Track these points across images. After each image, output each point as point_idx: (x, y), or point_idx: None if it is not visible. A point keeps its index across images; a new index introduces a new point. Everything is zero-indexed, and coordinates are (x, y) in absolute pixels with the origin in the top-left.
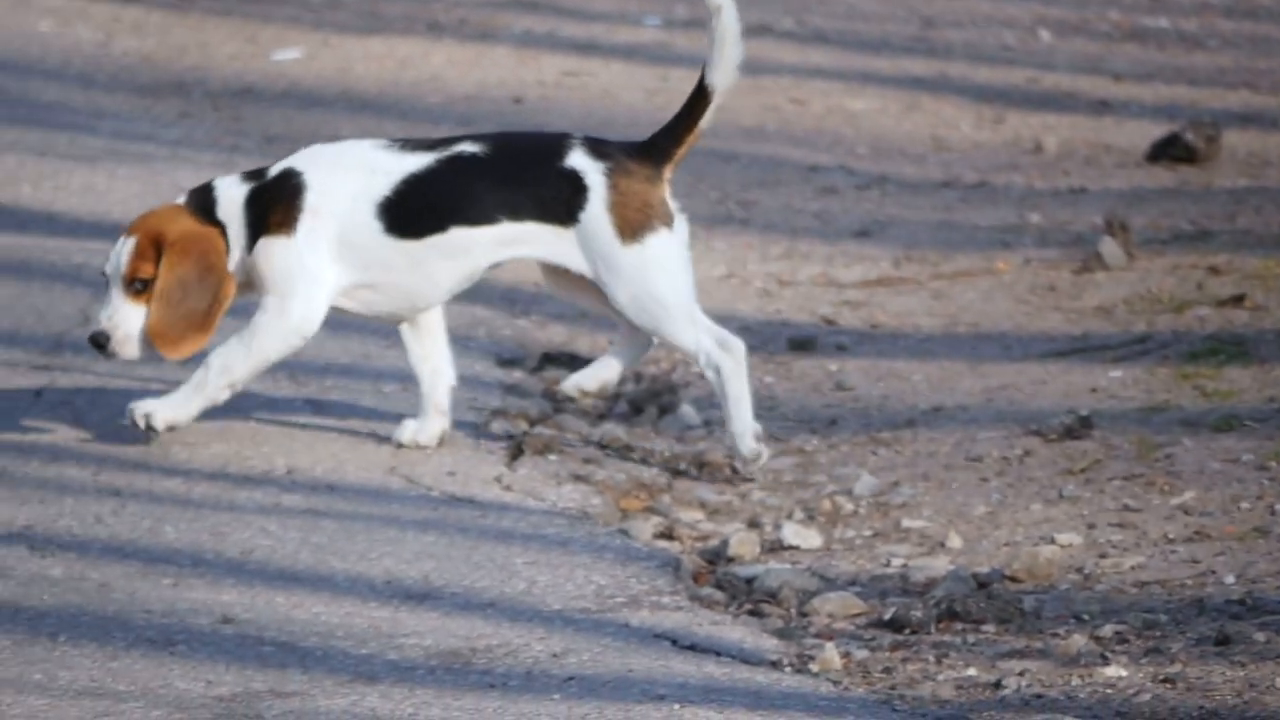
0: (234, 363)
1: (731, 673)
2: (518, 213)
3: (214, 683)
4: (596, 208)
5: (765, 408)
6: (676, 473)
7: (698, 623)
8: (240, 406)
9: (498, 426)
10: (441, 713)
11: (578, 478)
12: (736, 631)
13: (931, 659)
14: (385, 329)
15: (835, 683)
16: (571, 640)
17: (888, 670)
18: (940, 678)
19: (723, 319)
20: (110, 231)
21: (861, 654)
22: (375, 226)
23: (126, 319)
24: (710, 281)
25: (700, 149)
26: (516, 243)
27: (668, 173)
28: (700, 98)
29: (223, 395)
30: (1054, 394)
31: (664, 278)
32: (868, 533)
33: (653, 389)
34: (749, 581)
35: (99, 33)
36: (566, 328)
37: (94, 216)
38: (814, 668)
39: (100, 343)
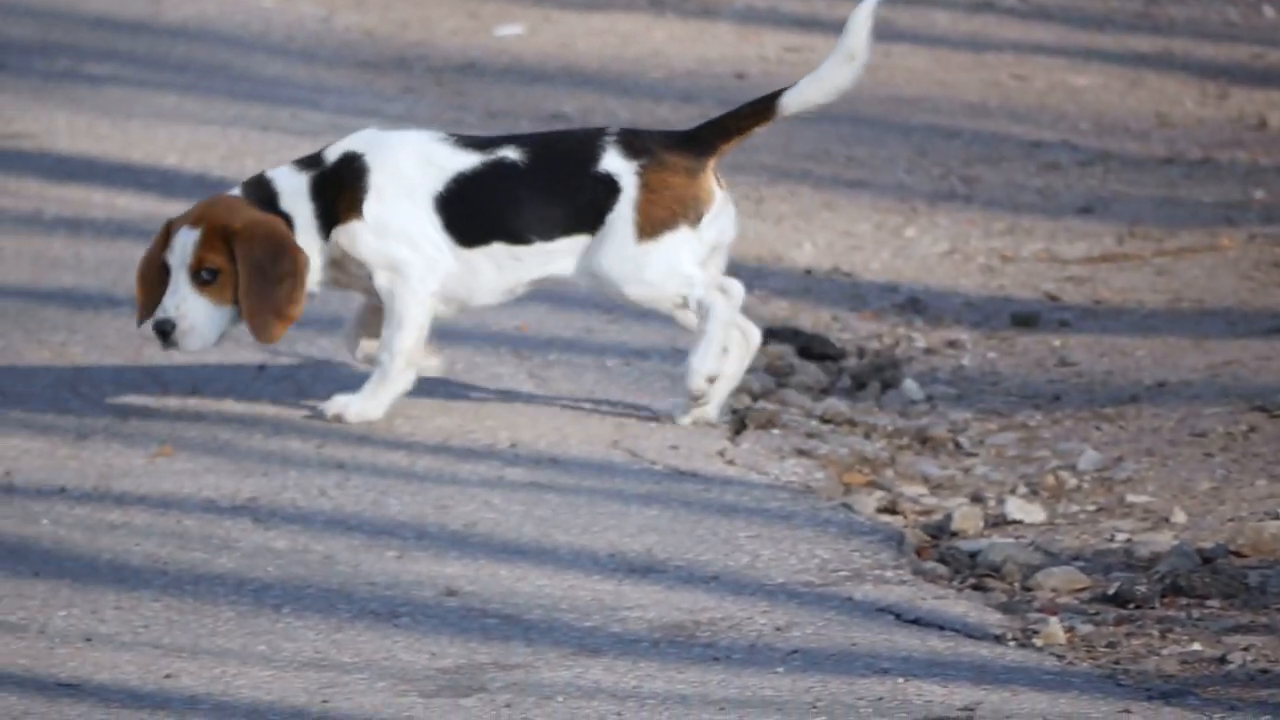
0: (398, 345)
1: (955, 647)
2: (550, 233)
3: (438, 655)
4: (625, 208)
5: (989, 383)
6: (899, 447)
7: (921, 597)
8: (464, 380)
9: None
10: (665, 686)
11: (801, 452)
12: (960, 606)
13: (1156, 634)
14: (609, 304)
15: (1059, 657)
16: (795, 614)
17: (1112, 645)
18: (1165, 653)
19: (945, 295)
20: None
21: (1086, 629)
22: (435, 220)
23: (193, 309)
24: (933, 258)
25: (923, 125)
26: (555, 256)
27: (711, 163)
28: (766, 109)
29: (406, 378)
30: (1279, 370)
31: (660, 264)
32: (1091, 508)
33: (875, 364)
34: (972, 556)
35: (321, 8)
36: (790, 303)
37: None
38: (1038, 642)
39: (165, 330)
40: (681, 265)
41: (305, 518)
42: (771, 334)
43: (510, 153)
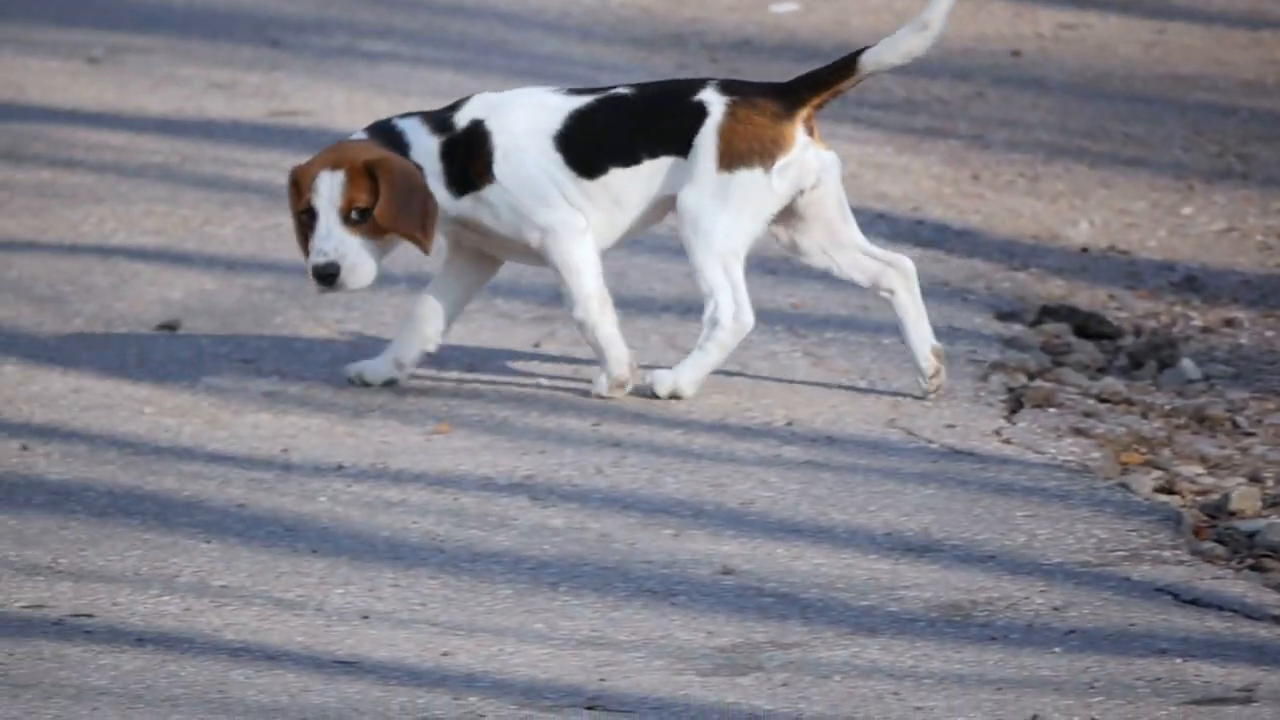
0: (579, 311)
1: (1234, 627)
2: (654, 150)
3: (714, 633)
4: (709, 131)
5: (1266, 362)
6: (1177, 426)
7: (1199, 577)
8: (739, 359)
9: (996, 380)
10: (942, 665)
11: (1077, 431)
12: (1238, 586)
13: None
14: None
15: None
16: (1072, 594)
17: None
18: None
19: (1222, 273)
20: None
21: None
22: (557, 159)
23: (351, 248)
24: (1210, 236)
25: (1199, 102)
26: (660, 175)
27: (802, 113)
28: (848, 66)
29: (611, 322)
30: None
31: (728, 213)
32: None
33: (1152, 343)
34: (1250, 536)
35: None
36: (1066, 281)
37: None
38: None
39: (330, 273)
40: (741, 232)
41: (582, 495)
42: (1048, 312)
43: (621, 90)
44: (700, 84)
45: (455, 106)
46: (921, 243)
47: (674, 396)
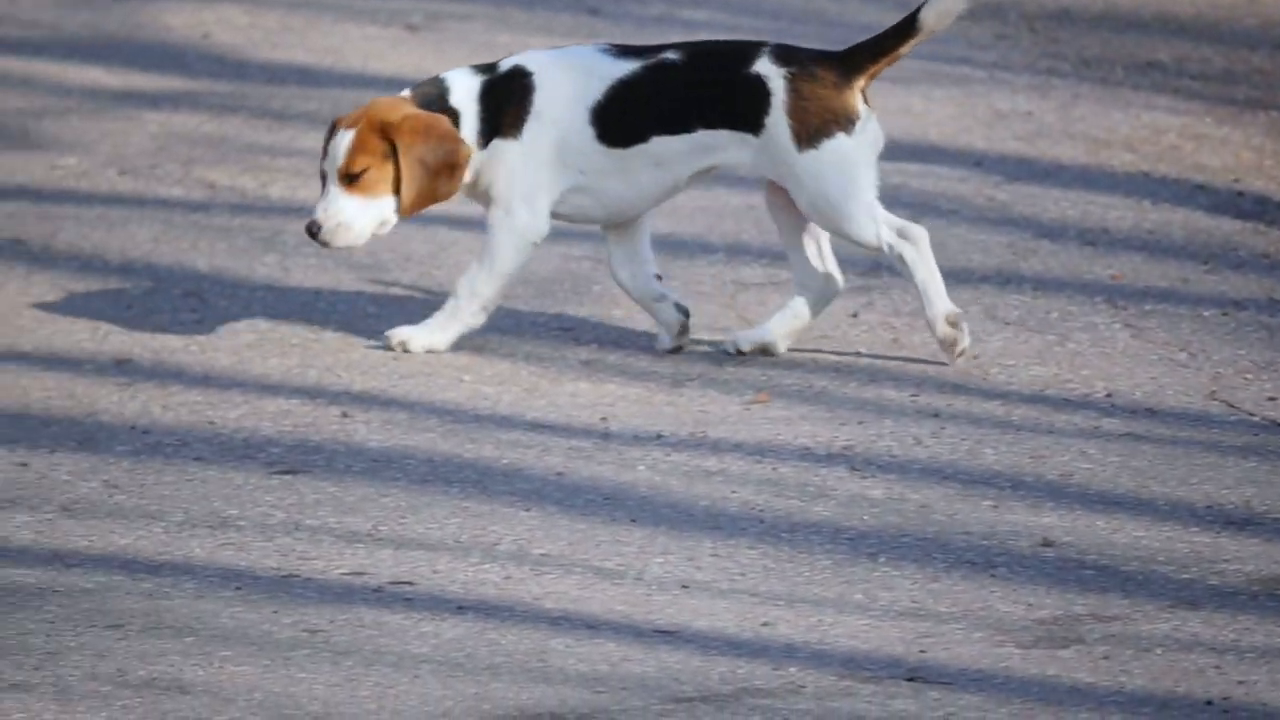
0: (479, 285)
1: None
2: (710, 121)
3: (1034, 605)
4: (777, 113)
5: None
6: None
7: None
8: (1059, 330)
9: None
10: (1265, 639)
11: None
12: None
13: None
14: (1206, 252)
15: None
16: None
17: None
18: None
19: None
20: (968, 158)
21: None
22: (589, 132)
23: (340, 208)
24: None
25: None
26: (711, 150)
27: (860, 82)
28: (908, 26)
29: (478, 319)
30: None
31: (839, 180)
32: None
33: None
34: None
35: None
36: None
37: (910, 138)
38: None
39: (312, 231)
40: (860, 189)
41: (900, 466)
42: None
43: (670, 54)
44: (754, 52)
45: (504, 62)
46: (1242, 215)
47: (956, 324)
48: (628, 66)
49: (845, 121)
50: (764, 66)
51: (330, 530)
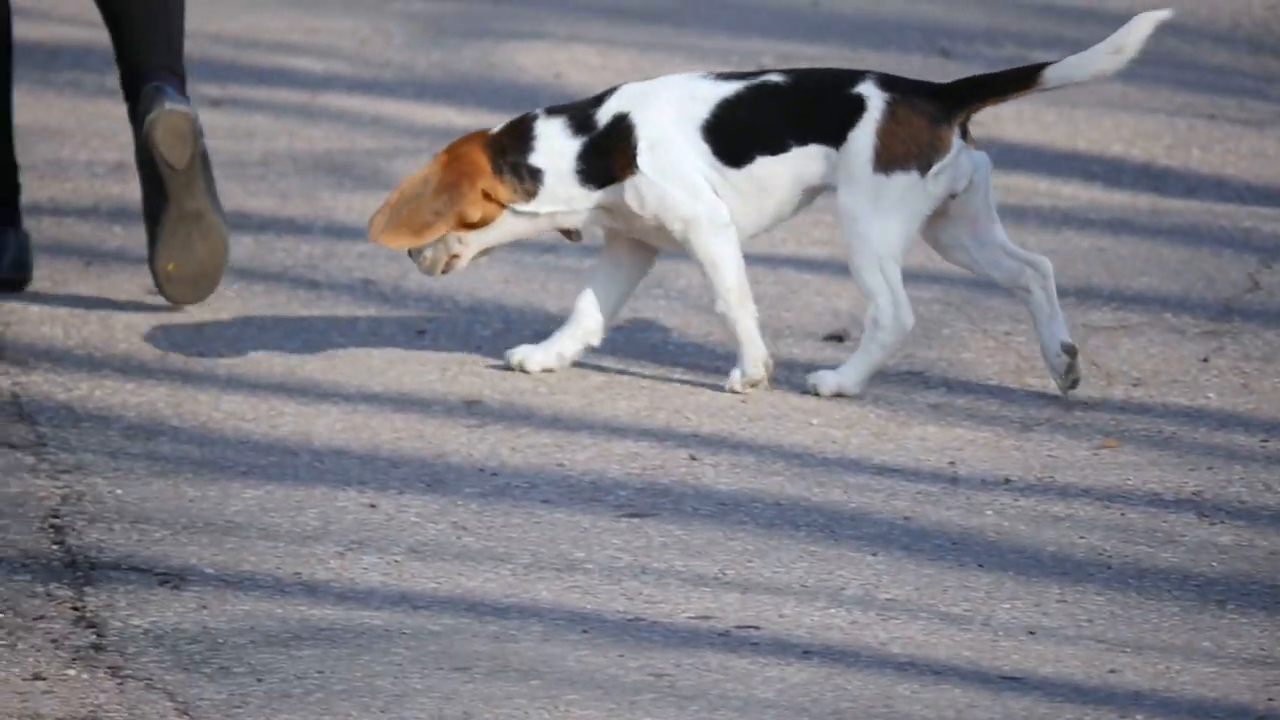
0: (721, 290)
1: None
2: (804, 137)
3: None
4: (867, 129)
5: None
6: None
7: None
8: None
9: None
10: None
11: None
12: None
13: None
14: None
15: None
16: None
17: None
18: None
19: None
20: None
21: None
22: (703, 149)
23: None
24: None
25: None
26: (807, 163)
27: (960, 117)
28: (1028, 79)
29: (750, 314)
30: None
31: (884, 216)
32: None
33: None
34: None
35: None
36: None
37: (1261, 182)
38: None
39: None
40: (896, 234)
41: (1250, 513)
42: None
43: (774, 77)
44: (860, 76)
45: (600, 99)
46: None
47: (839, 395)
48: (729, 88)
49: (926, 160)
50: (867, 89)
51: (677, 573)
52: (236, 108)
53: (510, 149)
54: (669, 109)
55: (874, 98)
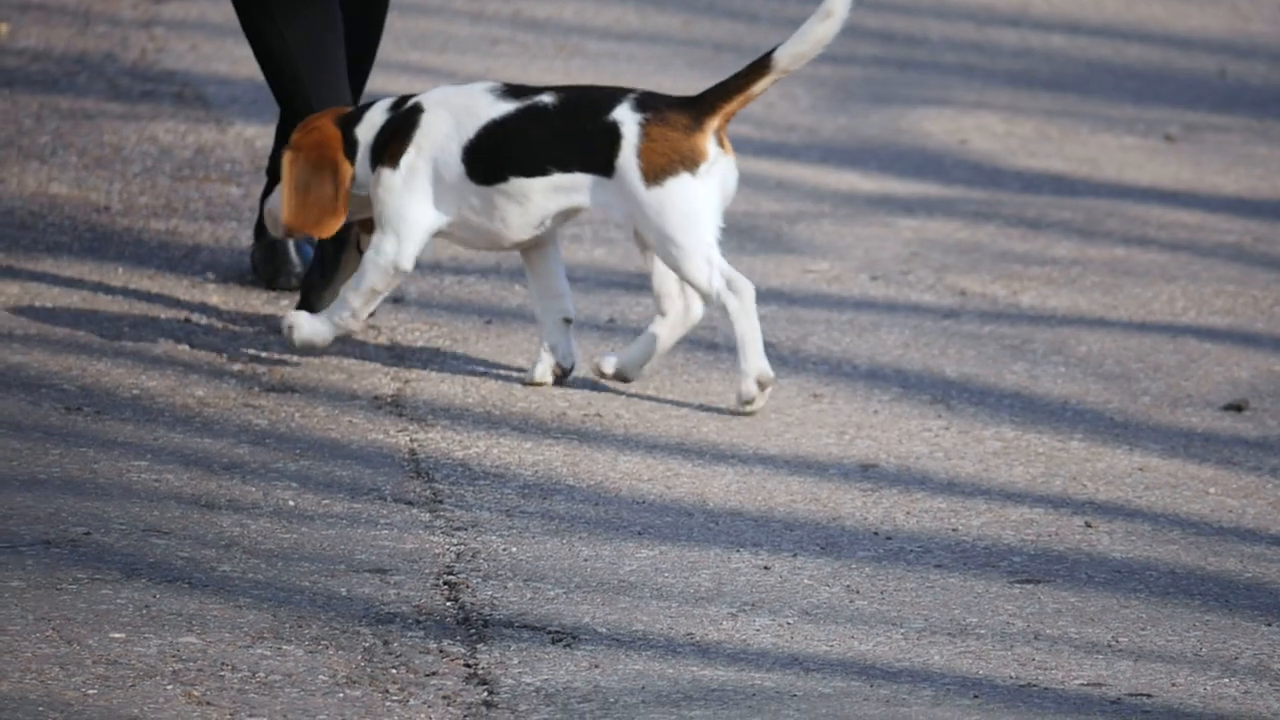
0: (350, 297)
1: None
2: (566, 164)
3: None
4: (628, 154)
5: None
6: None
7: None
8: None
9: None
10: None
11: None
12: None
13: None
14: None
15: None
16: None
17: None
18: None
19: None
20: None
21: None
22: (459, 168)
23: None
24: None
25: None
26: (570, 191)
27: (712, 124)
28: (760, 67)
29: (351, 325)
30: None
31: (681, 219)
32: None
33: None
34: None
35: None
36: None
37: None
38: None
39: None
40: (698, 228)
41: None
42: None
43: (545, 98)
44: (617, 99)
45: (412, 96)
46: None
47: (761, 384)
48: (502, 107)
49: (691, 162)
50: (622, 113)
51: (1070, 640)
52: None
53: (350, 126)
54: (449, 121)
55: (628, 122)
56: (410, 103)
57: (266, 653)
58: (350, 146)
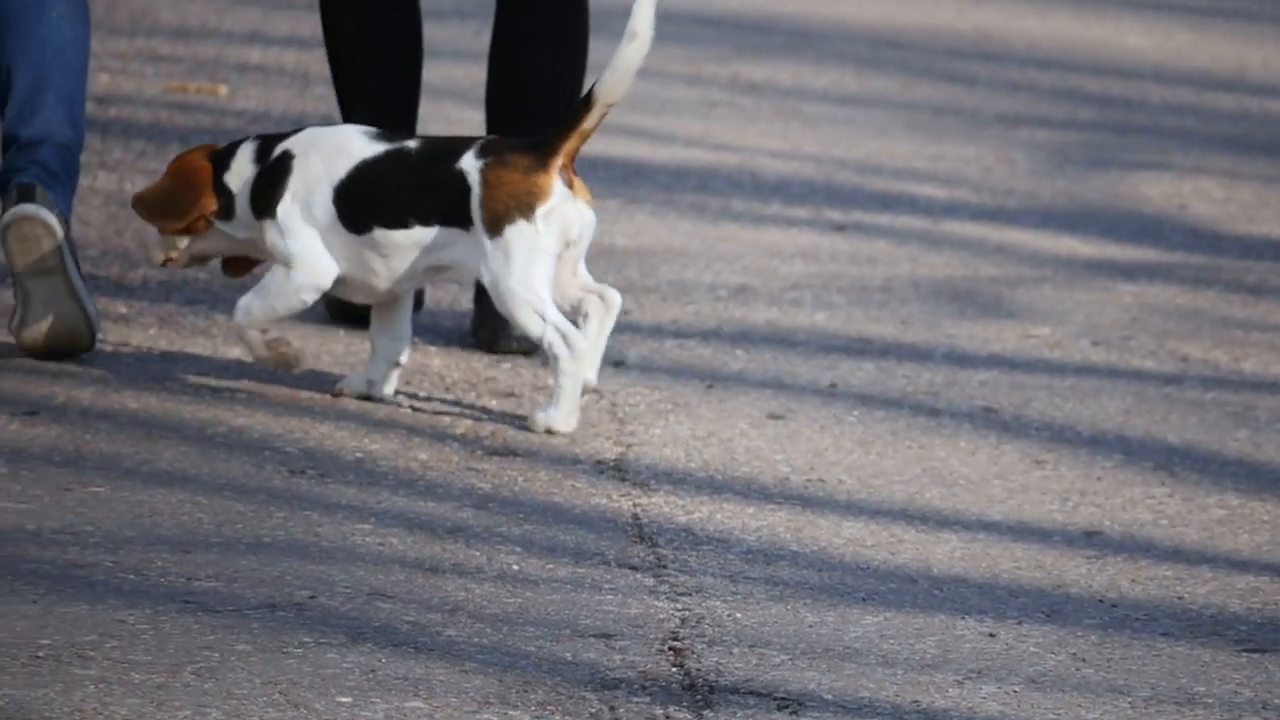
0: (253, 308)
1: None
2: (428, 218)
3: None
4: (475, 203)
5: None
6: None
7: None
8: None
9: None
10: None
11: None
12: None
13: None
14: None
15: None
16: None
17: None
18: None
19: None
20: None
21: None
22: (331, 211)
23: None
24: None
25: None
26: (440, 247)
27: (555, 163)
28: (586, 102)
29: (245, 328)
30: None
31: (517, 268)
32: None
33: None
34: None
35: None
36: None
37: None
38: None
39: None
40: (534, 278)
41: None
42: None
43: (410, 143)
44: (463, 148)
45: (286, 135)
46: None
47: (549, 432)
48: (372, 149)
49: (529, 207)
50: (467, 162)
51: None
52: (859, 233)
53: (221, 165)
54: (320, 162)
55: (471, 172)
56: (279, 149)
57: (493, 718)
58: (218, 186)
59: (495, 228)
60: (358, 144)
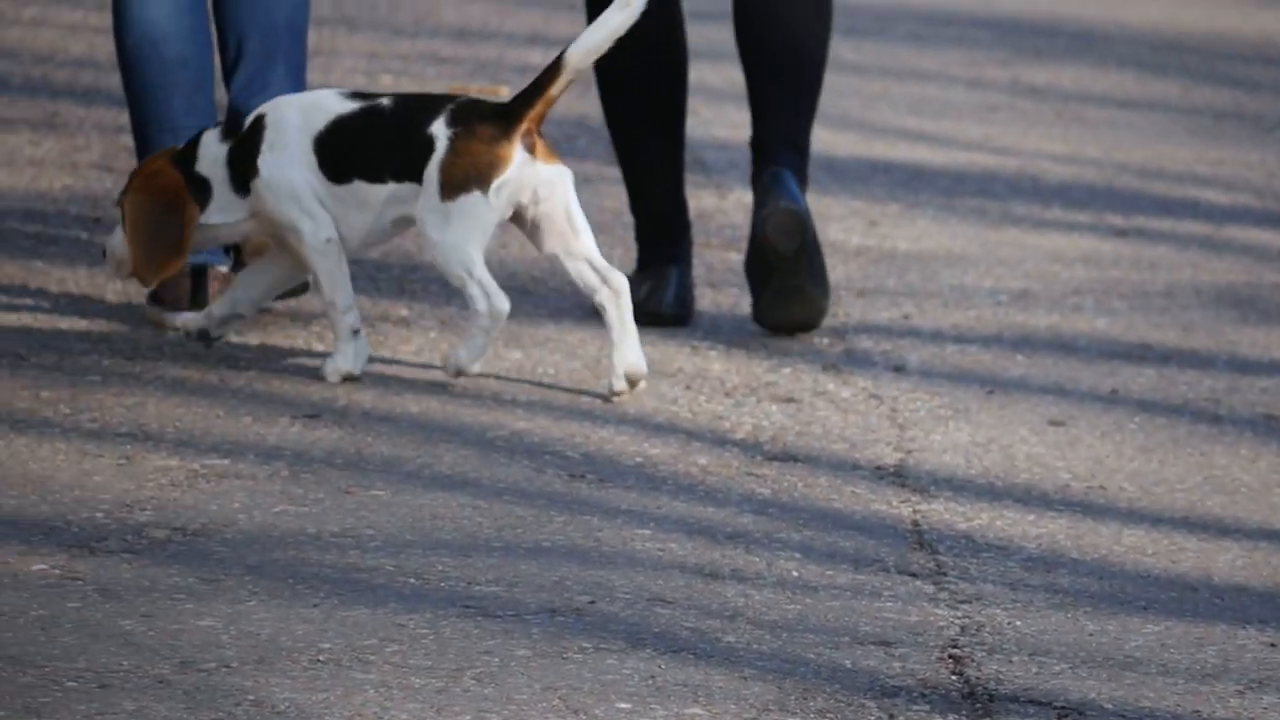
0: (327, 301)
1: None
2: (399, 174)
3: None
4: (433, 166)
5: None
6: None
7: None
8: None
9: None
10: None
11: None
12: None
13: None
14: None
15: None
16: None
17: None
18: None
19: None
20: None
21: None
22: (312, 160)
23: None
24: None
25: None
26: (404, 202)
27: (518, 130)
28: (554, 67)
29: (350, 320)
30: None
31: (454, 233)
32: None
33: None
34: None
35: None
36: None
37: None
38: None
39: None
40: (469, 243)
41: None
42: None
43: (385, 101)
44: (437, 110)
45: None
46: None
47: (459, 374)
48: (350, 106)
49: (485, 180)
50: (437, 126)
51: None
52: (1141, 238)
53: (185, 162)
54: (296, 116)
55: (440, 137)
56: (251, 117)
57: None
58: (195, 185)
59: (450, 193)
60: (332, 101)
